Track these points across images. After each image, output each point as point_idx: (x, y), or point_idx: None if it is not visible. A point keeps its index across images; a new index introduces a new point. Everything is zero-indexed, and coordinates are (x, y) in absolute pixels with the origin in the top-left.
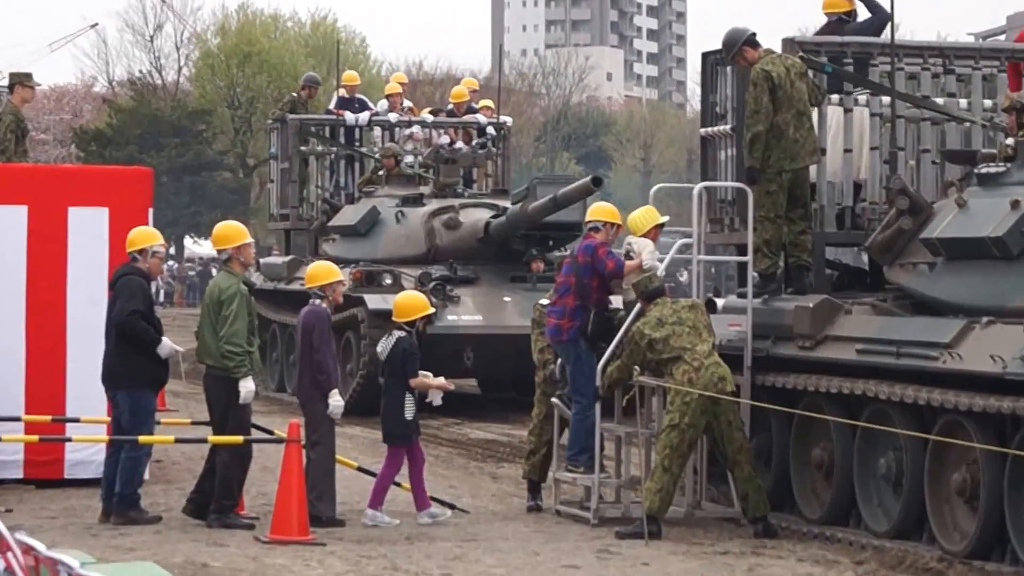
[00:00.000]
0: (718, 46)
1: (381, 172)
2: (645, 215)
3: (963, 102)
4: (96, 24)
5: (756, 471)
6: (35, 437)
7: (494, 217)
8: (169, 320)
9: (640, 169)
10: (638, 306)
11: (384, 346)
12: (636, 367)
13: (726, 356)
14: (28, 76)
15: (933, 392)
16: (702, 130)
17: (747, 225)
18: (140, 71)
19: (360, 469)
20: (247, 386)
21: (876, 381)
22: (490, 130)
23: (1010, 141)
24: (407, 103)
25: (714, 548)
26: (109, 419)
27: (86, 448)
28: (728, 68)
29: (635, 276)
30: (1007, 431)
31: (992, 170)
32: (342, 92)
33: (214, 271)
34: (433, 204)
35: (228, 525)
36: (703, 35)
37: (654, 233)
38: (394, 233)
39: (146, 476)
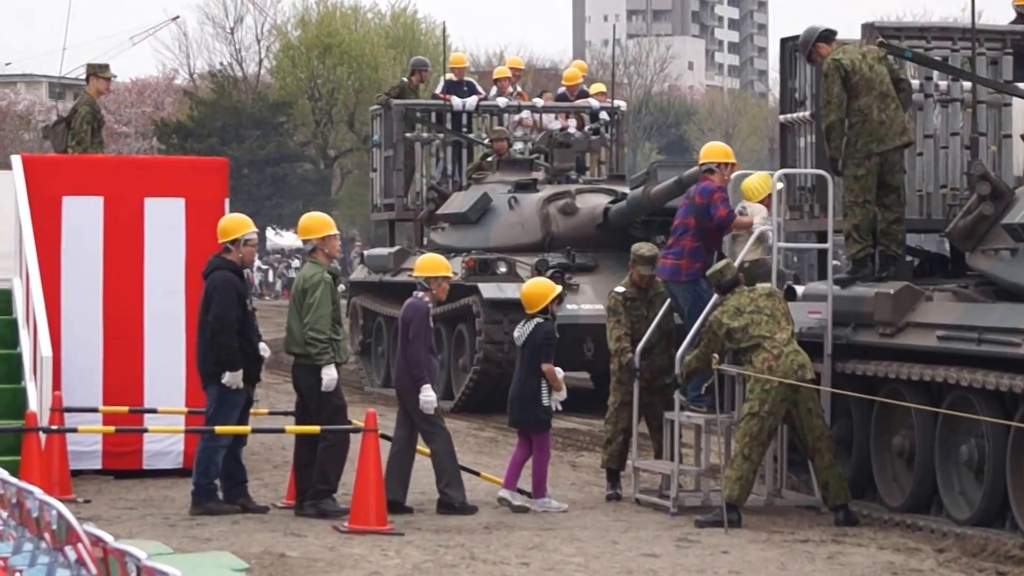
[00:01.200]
0: (798, 33)
1: (491, 159)
2: (761, 182)
3: None
4: (177, 17)
5: (836, 459)
6: (112, 428)
7: (613, 202)
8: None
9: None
10: (715, 296)
11: (521, 332)
12: (715, 355)
13: (806, 344)
14: (103, 67)
15: (1015, 379)
16: (781, 117)
17: (827, 212)
18: (221, 63)
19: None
20: (329, 373)
21: (957, 368)
22: (603, 115)
23: None
24: (516, 87)
25: (794, 536)
26: (187, 409)
27: (164, 439)
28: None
29: (747, 247)
30: None
31: None
32: (449, 76)
33: (294, 263)
34: (548, 190)
35: (323, 512)
36: (784, 24)
37: (768, 202)
38: (507, 220)
39: None
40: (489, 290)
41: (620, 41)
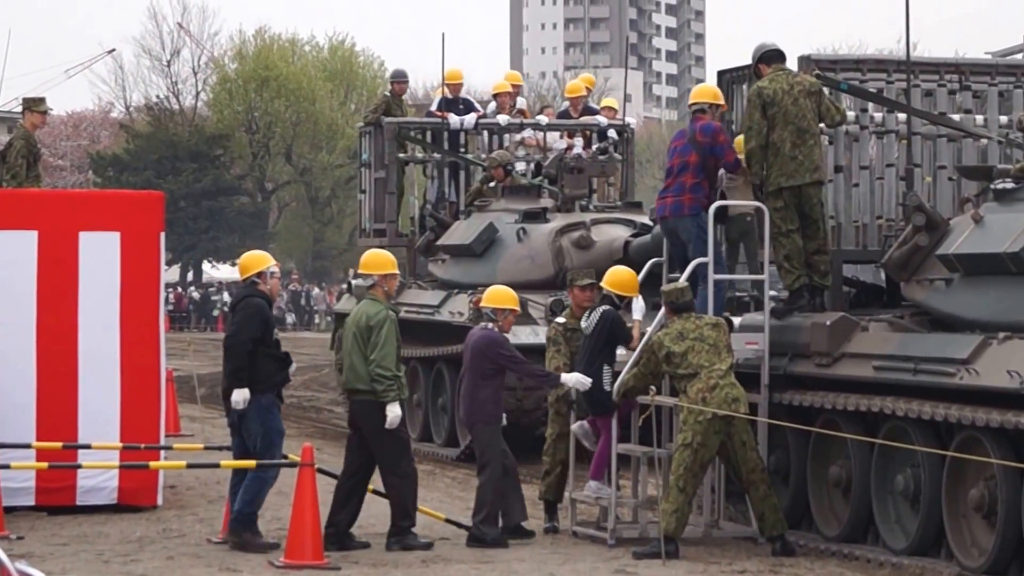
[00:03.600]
0: (735, 65)
1: (492, 184)
2: None
3: (979, 118)
4: (113, 50)
5: (772, 490)
6: (45, 464)
7: (634, 235)
8: (183, 345)
9: (658, 189)
10: (662, 312)
11: (589, 322)
12: (653, 387)
13: (743, 374)
14: (39, 101)
15: (950, 408)
16: None
17: (763, 243)
18: (157, 96)
19: (375, 492)
20: (394, 411)
21: (893, 398)
22: (611, 134)
23: None
24: (520, 103)
25: (732, 567)
26: (122, 445)
27: (98, 475)
28: (744, 86)
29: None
30: None
31: (1008, 186)
32: (445, 92)
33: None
34: (559, 220)
35: (408, 547)
36: (722, 56)
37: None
38: (516, 254)
39: (159, 502)
40: None
41: (557, 73)
